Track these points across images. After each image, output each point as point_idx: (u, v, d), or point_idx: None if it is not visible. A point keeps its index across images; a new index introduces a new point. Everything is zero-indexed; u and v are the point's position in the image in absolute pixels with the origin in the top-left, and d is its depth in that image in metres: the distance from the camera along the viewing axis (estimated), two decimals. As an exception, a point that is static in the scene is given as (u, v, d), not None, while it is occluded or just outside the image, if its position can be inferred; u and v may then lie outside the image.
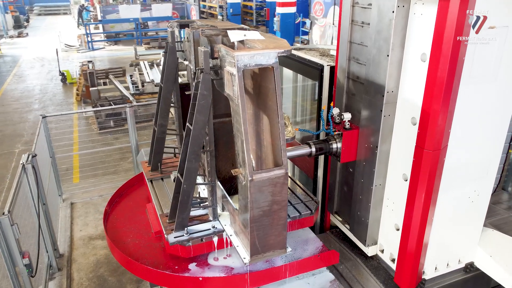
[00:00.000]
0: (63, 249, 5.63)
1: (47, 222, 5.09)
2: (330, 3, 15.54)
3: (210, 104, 3.35)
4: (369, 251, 4.24)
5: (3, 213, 3.60)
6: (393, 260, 4.06)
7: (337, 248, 4.61)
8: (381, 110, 3.61)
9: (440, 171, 3.37)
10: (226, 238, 3.73)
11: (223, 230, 3.70)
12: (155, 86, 11.83)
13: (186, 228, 3.65)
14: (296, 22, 18.59)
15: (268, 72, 3.06)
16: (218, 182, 3.85)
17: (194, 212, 3.93)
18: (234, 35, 3.51)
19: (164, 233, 3.69)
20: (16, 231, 3.70)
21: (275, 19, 18.49)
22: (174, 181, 4.69)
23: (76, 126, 10.61)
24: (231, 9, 25.29)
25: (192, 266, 3.72)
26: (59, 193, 6.82)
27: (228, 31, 3.68)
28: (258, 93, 3.41)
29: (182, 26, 4.54)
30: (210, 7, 27.93)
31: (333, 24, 14.76)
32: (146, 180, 4.70)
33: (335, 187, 4.62)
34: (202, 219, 3.86)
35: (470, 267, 4.15)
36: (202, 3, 27.83)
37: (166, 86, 4.53)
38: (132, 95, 11.61)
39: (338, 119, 4.00)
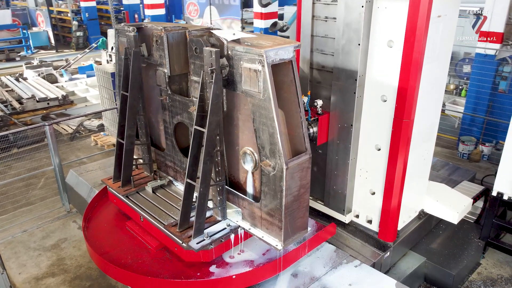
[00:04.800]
0: (10, 299, 4.80)
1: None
2: (205, 3, 15.80)
3: (221, 104, 3.39)
4: (346, 218, 4.80)
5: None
6: (369, 222, 4.69)
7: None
8: (355, 93, 4.15)
9: (411, 137, 4.07)
10: (240, 233, 3.81)
11: (238, 226, 3.76)
12: (37, 102, 10.44)
13: (206, 232, 3.61)
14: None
15: (283, 67, 3.26)
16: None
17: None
18: (226, 35, 3.58)
19: (181, 242, 3.58)
20: (5, 280, 3.16)
21: (146, 21, 17.90)
22: (153, 191, 4.51)
23: None
24: (86, 14, 23.48)
25: (213, 268, 3.70)
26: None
27: (214, 31, 3.73)
28: None
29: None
30: (60, 12, 25.38)
31: (211, 23, 15.12)
32: (121, 197, 4.37)
33: (303, 169, 5.03)
34: (209, 221, 3.84)
35: (422, 214, 5.05)
36: (50, 8, 25.01)
37: (132, 94, 4.28)
38: (10, 115, 10.04)
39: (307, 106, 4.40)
